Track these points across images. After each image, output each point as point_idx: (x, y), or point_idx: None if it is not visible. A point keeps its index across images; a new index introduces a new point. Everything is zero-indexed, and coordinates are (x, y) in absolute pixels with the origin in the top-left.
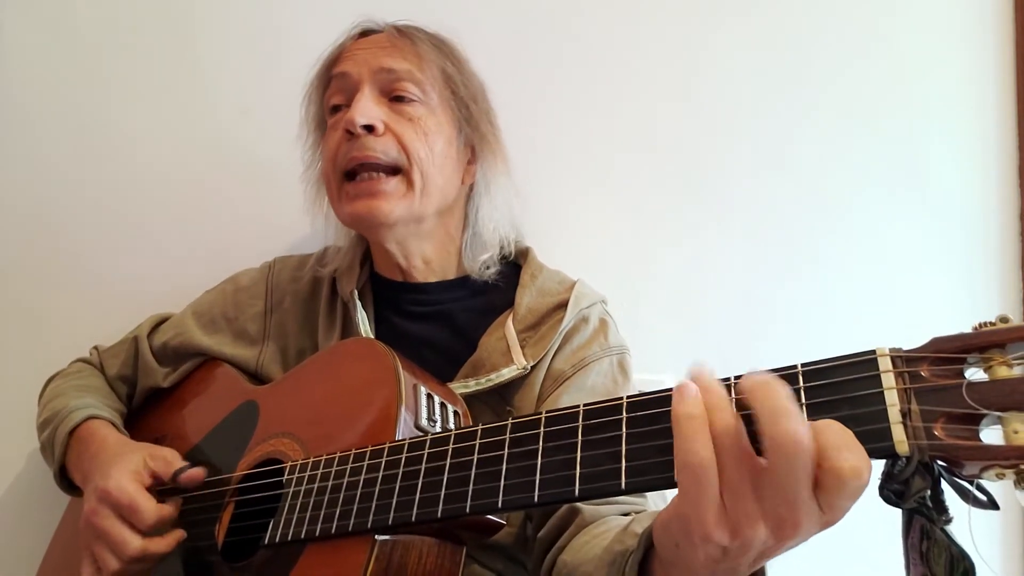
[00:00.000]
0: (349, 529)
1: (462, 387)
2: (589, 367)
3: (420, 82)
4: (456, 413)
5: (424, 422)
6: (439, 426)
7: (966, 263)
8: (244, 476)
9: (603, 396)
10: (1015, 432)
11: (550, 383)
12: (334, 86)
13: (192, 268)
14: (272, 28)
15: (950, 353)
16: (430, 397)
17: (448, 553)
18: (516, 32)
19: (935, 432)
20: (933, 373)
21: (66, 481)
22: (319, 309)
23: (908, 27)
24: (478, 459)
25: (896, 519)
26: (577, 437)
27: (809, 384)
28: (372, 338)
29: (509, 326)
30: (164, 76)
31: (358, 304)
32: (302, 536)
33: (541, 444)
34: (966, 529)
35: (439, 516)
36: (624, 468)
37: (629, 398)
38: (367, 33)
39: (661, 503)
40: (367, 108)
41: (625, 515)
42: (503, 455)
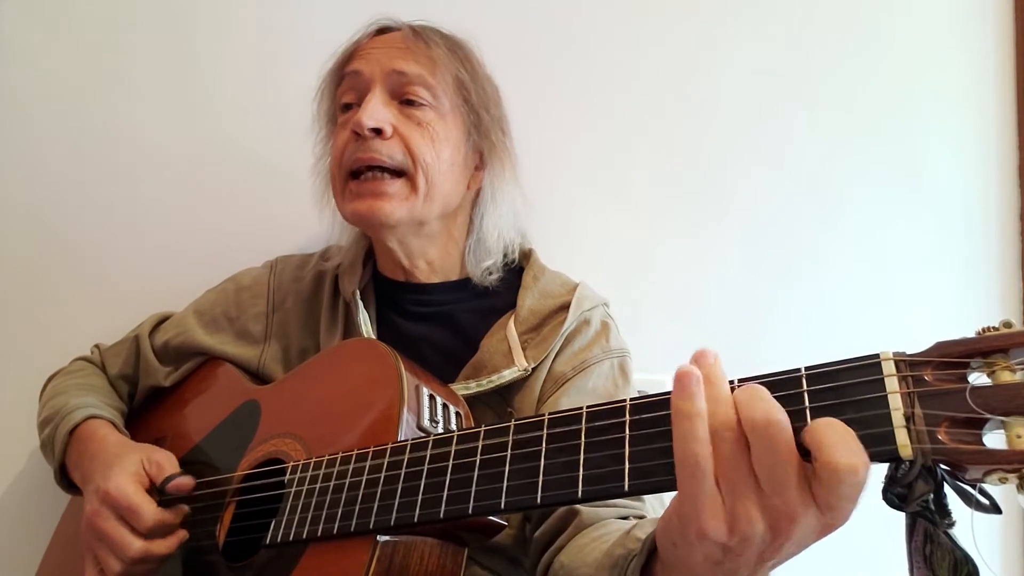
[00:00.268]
0: (351, 530)
1: (463, 388)
2: (590, 369)
3: (432, 87)
4: (458, 414)
5: (426, 423)
6: (441, 427)
7: (966, 262)
8: (245, 476)
9: (603, 398)
10: (1018, 437)
11: (550, 385)
12: (346, 84)
13: (193, 267)
14: (272, 28)
15: (954, 357)
16: (432, 398)
17: (450, 554)
18: (516, 33)
19: (938, 436)
20: (937, 377)
21: (66, 480)
22: (321, 308)
23: (908, 27)
24: (481, 460)
25: (900, 522)
26: (580, 439)
27: (813, 387)
28: (374, 339)
29: (511, 327)
30: (164, 75)
31: (360, 304)
32: (304, 536)
33: (544, 445)
34: (969, 533)
35: (441, 517)
36: (627, 470)
37: (632, 400)
38: (384, 31)
39: (659, 508)
40: (376, 111)
41: (623, 518)
42: (506, 456)
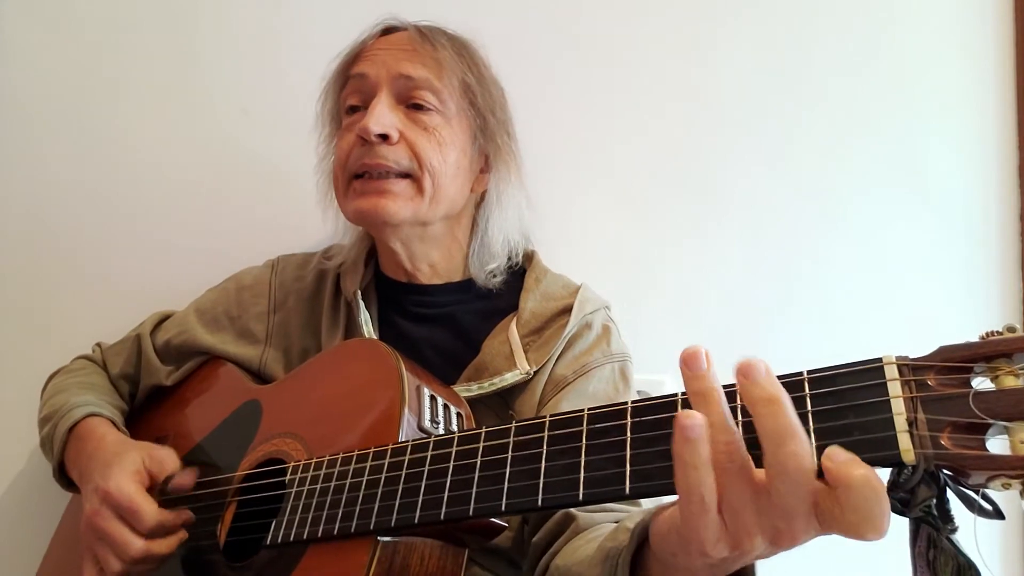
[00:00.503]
0: (351, 530)
1: (464, 390)
2: (591, 373)
3: (438, 91)
4: (459, 415)
5: (427, 424)
6: (442, 428)
7: (965, 262)
8: (246, 476)
9: (604, 402)
10: (1021, 442)
11: (551, 388)
12: (351, 86)
13: (193, 267)
14: (273, 27)
15: (957, 362)
16: (433, 399)
17: (450, 555)
18: (516, 35)
19: (941, 441)
20: (940, 382)
21: (65, 478)
22: (323, 308)
23: (908, 27)
24: (482, 461)
25: (903, 526)
26: (581, 441)
27: (815, 391)
28: (376, 339)
29: (512, 330)
30: (164, 76)
31: (361, 305)
32: (304, 537)
33: (545, 448)
34: (971, 538)
35: (442, 518)
36: (628, 473)
37: (634, 403)
38: (389, 31)
39: None
40: (382, 116)
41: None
42: (507, 458)
